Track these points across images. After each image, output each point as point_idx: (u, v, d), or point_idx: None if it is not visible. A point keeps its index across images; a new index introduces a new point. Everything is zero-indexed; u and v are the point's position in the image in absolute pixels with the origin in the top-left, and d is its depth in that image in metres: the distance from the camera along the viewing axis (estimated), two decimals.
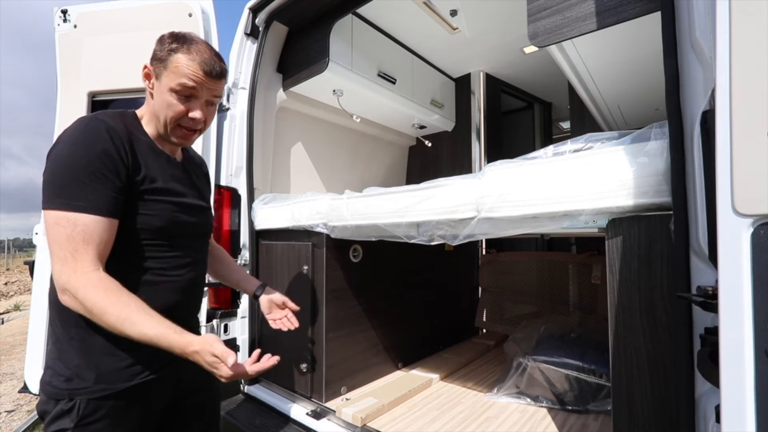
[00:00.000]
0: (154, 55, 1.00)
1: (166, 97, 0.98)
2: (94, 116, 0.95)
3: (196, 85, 0.97)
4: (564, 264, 2.43)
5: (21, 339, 5.34)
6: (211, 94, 1.02)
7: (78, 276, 0.85)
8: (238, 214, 1.97)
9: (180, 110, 0.99)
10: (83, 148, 0.88)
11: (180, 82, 0.96)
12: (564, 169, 1.02)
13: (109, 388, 0.92)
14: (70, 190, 0.86)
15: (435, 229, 1.31)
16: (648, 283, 0.91)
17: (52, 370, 0.93)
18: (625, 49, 1.52)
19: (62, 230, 0.86)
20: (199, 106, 1.01)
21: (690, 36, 0.83)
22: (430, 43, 2.67)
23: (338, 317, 1.78)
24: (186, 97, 0.99)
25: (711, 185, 0.71)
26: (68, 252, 0.85)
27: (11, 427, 2.94)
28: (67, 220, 0.86)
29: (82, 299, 0.84)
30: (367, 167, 3.08)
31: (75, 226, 0.86)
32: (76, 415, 0.88)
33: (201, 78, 0.97)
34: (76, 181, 0.87)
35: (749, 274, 0.52)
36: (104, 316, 0.84)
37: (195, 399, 1.14)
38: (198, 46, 0.99)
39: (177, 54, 0.96)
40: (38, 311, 1.90)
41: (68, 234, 0.86)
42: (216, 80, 1.01)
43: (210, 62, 0.98)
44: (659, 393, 0.89)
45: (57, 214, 0.86)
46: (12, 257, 20.94)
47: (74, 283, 0.85)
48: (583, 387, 1.66)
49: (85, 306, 0.85)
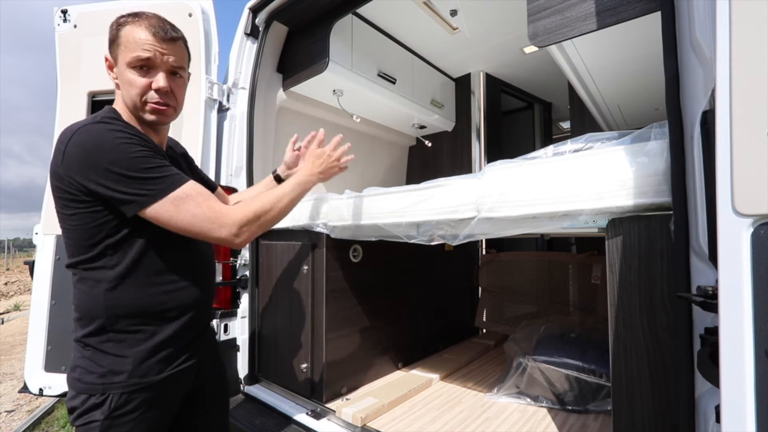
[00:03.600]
0: (108, 41, 0.97)
1: (126, 77, 0.95)
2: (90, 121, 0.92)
3: (150, 55, 0.94)
4: (564, 264, 2.43)
5: (21, 339, 5.34)
6: (170, 62, 0.97)
7: (229, 214, 0.96)
8: None
9: (142, 83, 0.95)
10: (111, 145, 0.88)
11: (134, 55, 0.93)
12: (564, 169, 1.02)
13: (142, 381, 0.93)
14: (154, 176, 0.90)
15: (435, 229, 1.31)
16: (648, 283, 0.91)
17: (81, 368, 0.93)
18: (625, 49, 1.52)
19: (183, 205, 0.91)
20: (161, 76, 0.96)
21: (690, 36, 0.83)
22: (430, 43, 2.67)
23: (338, 317, 1.77)
24: (145, 69, 0.95)
25: (711, 185, 0.71)
26: (206, 208, 0.93)
27: (11, 427, 2.94)
28: (174, 199, 0.91)
29: (252, 215, 0.99)
30: (367, 167, 3.07)
31: (187, 195, 0.92)
32: (108, 408, 0.89)
33: (153, 44, 0.93)
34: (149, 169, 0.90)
35: (749, 274, 0.52)
36: (269, 210, 1.04)
37: (210, 388, 1.16)
38: (145, 15, 0.96)
39: (125, 27, 0.94)
40: (38, 311, 1.89)
41: (193, 202, 0.92)
42: (170, 43, 0.96)
43: (158, 26, 0.95)
44: (659, 393, 0.89)
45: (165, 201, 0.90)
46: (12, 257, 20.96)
47: (233, 218, 0.96)
48: (583, 387, 1.65)
49: (256, 217, 1.01)
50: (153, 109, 0.98)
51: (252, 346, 1.95)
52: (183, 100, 1.06)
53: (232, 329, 1.90)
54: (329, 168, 1.33)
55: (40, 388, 1.84)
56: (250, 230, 1.00)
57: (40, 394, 1.84)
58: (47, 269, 1.89)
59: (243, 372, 1.93)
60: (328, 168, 1.33)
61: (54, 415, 3.14)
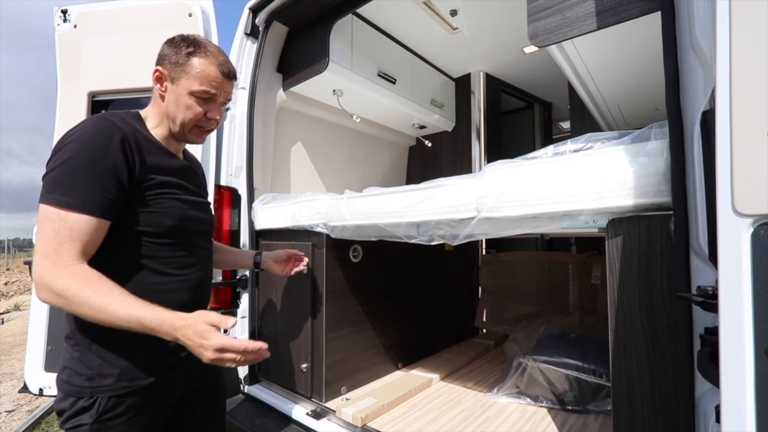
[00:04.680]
0: (167, 58, 1.03)
1: (185, 100, 1.02)
2: (102, 116, 0.96)
3: (216, 92, 1.04)
4: (564, 264, 2.43)
5: (21, 339, 5.34)
6: (226, 96, 1.09)
7: (58, 269, 0.83)
8: (238, 214, 1.97)
9: (199, 112, 1.04)
10: (87, 147, 0.88)
11: (203, 88, 1.02)
12: (564, 169, 1.02)
13: (130, 385, 0.93)
14: (64, 187, 0.86)
15: (435, 229, 1.31)
16: (648, 283, 0.91)
17: (70, 370, 0.93)
18: (625, 49, 1.51)
19: (50, 225, 0.85)
20: (217, 108, 1.08)
21: (690, 36, 0.83)
22: (430, 43, 2.67)
23: (338, 317, 1.77)
24: (205, 99, 1.04)
25: (711, 185, 0.71)
26: (52, 247, 0.84)
27: (11, 427, 2.94)
28: (57, 216, 0.85)
29: (62, 290, 0.82)
30: (367, 167, 3.07)
31: (64, 222, 0.85)
32: (96, 411, 0.89)
33: (220, 82, 1.04)
34: (73, 179, 0.86)
35: (749, 274, 0.52)
36: (86, 305, 0.82)
37: (204, 392, 1.16)
38: (212, 48, 1.05)
39: (195, 58, 1.01)
40: (38, 311, 1.90)
41: (55, 229, 0.85)
42: (231, 81, 1.09)
43: (226, 64, 1.06)
44: (659, 393, 0.89)
45: (48, 209, 0.86)
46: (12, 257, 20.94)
47: (54, 275, 0.83)
48: (583, 387, 1.65)
49: (65, 297, 0.82)
50: (199, 134, 1.09)
51: None
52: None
53: (231, 329, 1.90)
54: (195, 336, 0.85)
55: (40, 388, 1.84)
56: (53, 301, 0.85)
57: (40, 394, 1.84)
58: None
59: (243, 372, 1.93)
60: (195, 336, 0.85)
61: (54, 415, 3.14)
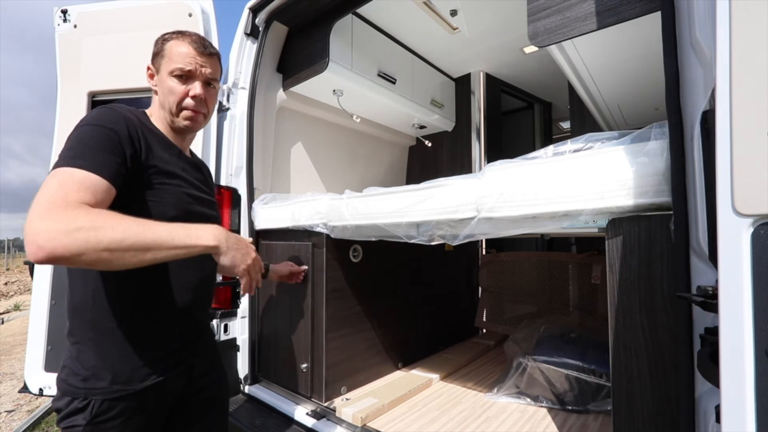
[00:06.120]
0: (153, 54, 1.08)
1: (167, 84, 1.05)
2: (111, 106, 0.97)
3: (191, 67, 1.05)
4: (564, 264, 2.43)
5: (21, 339, 5.34)
6: (206, 74, 1.08)
7: (72, 207, 0.73)
8: (238, 214, 1.97)
9: (181, 90, 1.05)
10: (97, 125, 0.89)
11: (178, 66, 1.03)
12: (564, 169, 1.02)
13: (124, 389, 0.92)
14: (74, 152, 0.83)
15: (435, 229, 1.31)
16: (648, 283, 0.91)
17: (68, 369, 0.93)
18: (625, 49, 1.52)
19: (54, 179, 0.77)
20: (198, 85, 1.07)
21: (690, 36, 0.83)
22: (430, 43, 2.67)
23: (338, 317, 1.78)
24: (184, 78, 1.05)
25: (711, 185, 0.71)
26: (59, 195, 0.74)
27: (11, 427, 2.94)
28: (63, 172, 0.79)
29: (88, 222, 0.71)
30: (367, 167, 3.07)
31: (72, 176, 0.79)
32: (90, 413, 0.89)
33: (194, 57, 1.05)
34: (82, 147, 0.84)
35: (749, 274, 0.52)
36: (120, 227, 0.74)
37: (205, 395, 1.14)
38: (188, 33, 1.08)
39: (170, 42, 1.06)
40: (38, 311, 1.89)
41: (60, 181, 0.77)
42: (208, 57, 1.08)
43: (200, 41, 1.07)
44: (659, 393, 0.89)
45: (55, 171, 0.80)
46: (12, 257, 20.95)
47: (68, 213, 0.71)
48: (583, 387, 1.66)
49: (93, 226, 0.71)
50: (187, 116, 1.07)
51: (252, 346, 1.95)
52: (213, 110, 1.16)
53: (232, 329, 1.90)
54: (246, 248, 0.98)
55: (40, 388, 1.84)
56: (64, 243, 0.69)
57: (40, 394, 1.84)
58: (47, 269, 1.89)
59: (243, 372, 1.93)
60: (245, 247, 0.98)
61: (54, 414, 3.14)
